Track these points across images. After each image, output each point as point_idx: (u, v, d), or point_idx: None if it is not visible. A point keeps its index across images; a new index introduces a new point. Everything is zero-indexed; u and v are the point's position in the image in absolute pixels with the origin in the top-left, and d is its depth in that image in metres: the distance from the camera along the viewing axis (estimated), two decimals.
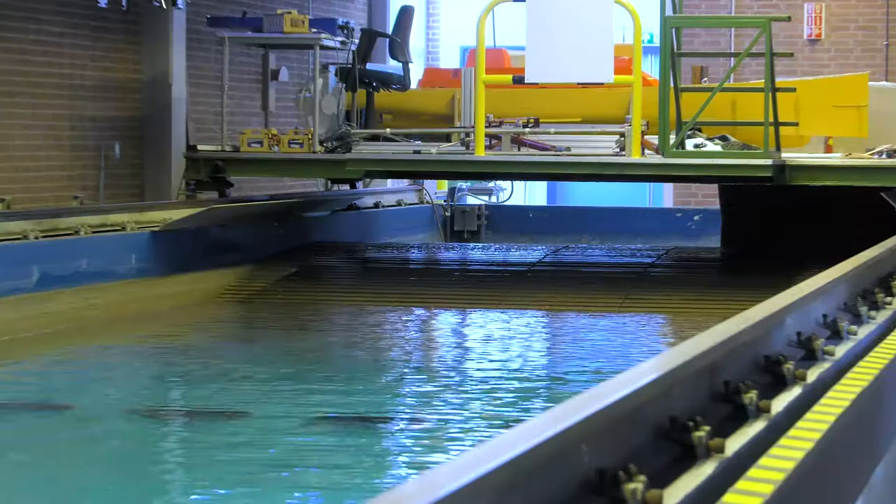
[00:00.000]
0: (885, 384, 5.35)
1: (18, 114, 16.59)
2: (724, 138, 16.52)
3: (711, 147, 16.32)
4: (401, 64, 18.82)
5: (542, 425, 3.01)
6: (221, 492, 8.63)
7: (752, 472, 3.57)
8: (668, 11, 15.85)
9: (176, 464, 9.86)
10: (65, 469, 9.29)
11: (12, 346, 12.63)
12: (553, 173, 19.03)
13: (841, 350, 5.55)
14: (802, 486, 3.63)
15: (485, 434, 9.46)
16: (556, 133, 16.50)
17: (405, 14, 19.68)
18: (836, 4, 25.00)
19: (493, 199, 23.05)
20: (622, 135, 15.87)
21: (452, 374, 12.94)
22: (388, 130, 17.40)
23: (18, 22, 16.61)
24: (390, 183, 21.76)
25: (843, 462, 4.47)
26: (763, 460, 3.65)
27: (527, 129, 16.41)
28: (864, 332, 6.43)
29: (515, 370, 12.98)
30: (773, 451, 3.74)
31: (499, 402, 11.31)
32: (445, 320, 16.28)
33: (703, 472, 3.55)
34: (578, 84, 16.52)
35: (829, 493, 4.22)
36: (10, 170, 16.42)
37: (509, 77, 16.56)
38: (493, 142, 16.33)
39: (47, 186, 16.86)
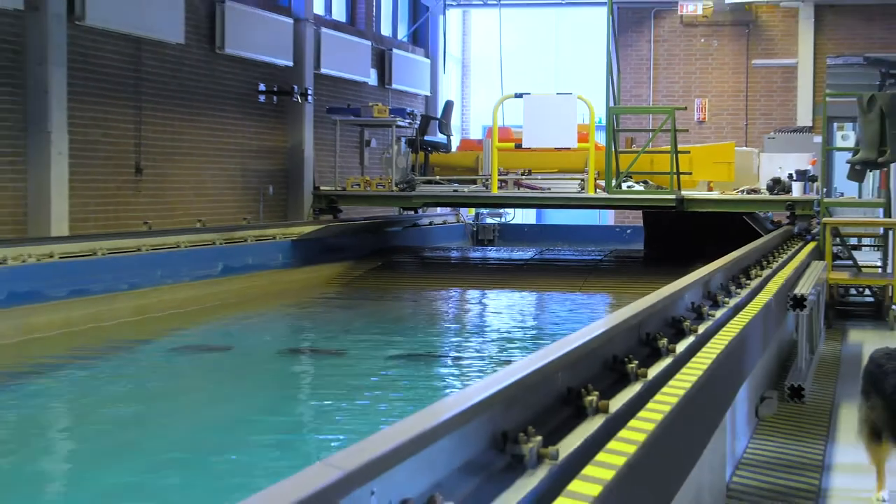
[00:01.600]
0: (733, 352, 5.31)
1: (210, 167, 19.03)
2: (645, 182, 19.07)
3: (637, 187, 18.85)
4: (445, 136, 21.98)
5: (534, 359, 3.52)
6: (328, 403, 9.84)
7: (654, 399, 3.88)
8: (611, 103, 18.33)
9: (303, 384, 11.18)
10: (228, 385, 10.70)
11: (202, 311, 14.15)
12: (539, 204, 22.19)
13: (703, 326, 5.79)
14: (673, 428, 3.69)
15: (500, 364, 10.66)
16: (541, 179, 19.35)
17: (448, 106, 22.98)
18: (714, 100, 28.22)
19: (503, 219, 25.66)
20: (582, 180, 18.70)
21: (478, 328, 15.02)
22: (437, 177, 20.29)
23: (211, 111, 19.02)
24: (439, 210, 23.90)
25: (703, 409, 4.42)
26: (647, 409, 3.78)
27: (523, 177, 19.31)
28: (734, 300, 7.03)
29: (517, 325, 15.13)
30: (650, 403, 3.84)
31: (508, 344, 12.93)
32: (473, 295, 18.01)
33: (633, 389, 4.04)
34: (555, 148, 19.13)
35: (691, 435, 4.21)
36: (205, 202, 18.63)
37: (513, 144, 19.17)
38: (503, 184, 18.86)
39: (227, 212, 19.10)
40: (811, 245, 14.50)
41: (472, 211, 24.58)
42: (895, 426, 5.43)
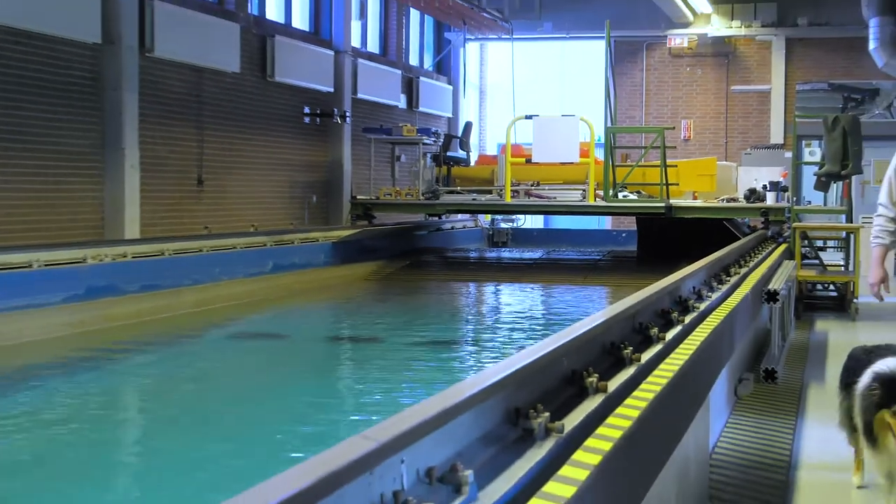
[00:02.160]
0: (715, 339, 5.24)
1: (262, 179, 19.15)
2: (638, 192, 18.98)
3: (632, 197, 18.77)
4: (465, 152, 21.97)
5: (542, 347, 3.46)
6: (365, 382, 9.90)
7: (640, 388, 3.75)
8: (608, 123, 18.35)
9: (343, 367, 11.17)
10: (279, 367, 10.70)
11: (254, 304, 14.06)
12: (546, 211, 21.50)
13: (689, 317, 5.67)
14: (663, 405, 3.66)
15: (514, 349, 10.39)
16: (548, 189, 19.24)
17: (468, 126, 23.00)
18: (698, 120, 28.17)
19: (515, 224, 25.23)
20: (584, 190, 18.61)
21: (493, 317, 15.04)
22: (458, 188, 20.18)
23: (263, 130, 19.14)
24: (459, 216, 23.45)
25: (689, 388, 4.38)
26: (640, 388, 3.73)
27: (532, 188, 19.23)
28: (716, 295, 6.95)
29: (528, 315, 14.99)
30: (643, 384, 3.81)
31: (519, 332, 12.71)
32: (489, 289, 18.09)
33: (629, 371, 3.95)
34: (560, 162, 19.15)
35: (679, 411, 4.17)
36: (258, 209, 18.66)
37: (523, 159, 19.45)
38: (515, 194, 18.79)
39: (276, 218, 19.08)
40: (783, 247, 14.43)
41: (489, 217, 24.45)
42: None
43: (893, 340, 5.49)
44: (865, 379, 4.85)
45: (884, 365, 4.84)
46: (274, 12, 20.25)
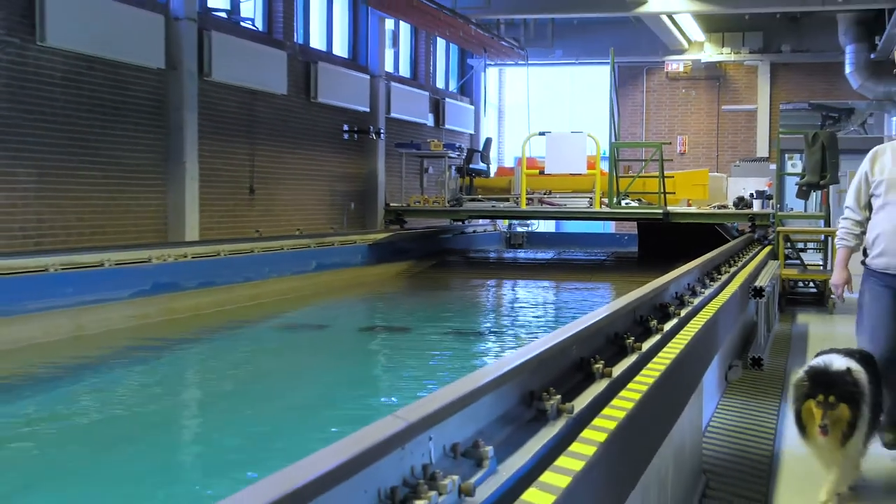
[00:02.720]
0: (707, 330, 5.15)
1: (306, 188, 19.13)
2: (639, 200, 18.89)
3: (633, 204, 18.67)
4: (486, 165, 21.89)
5: (554, 337, 3.44)
6: (397, 368, 9.92)
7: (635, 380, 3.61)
8: (612, 139, 18.02)
9: (378, 354, 11.08)
10: (322, 353, 10.72)
11: (300, 298, 13.99)
12: (557, 216, 21.68)
13: (684, 310, 5.56)
14: (661, 389, 3.62)
15: (529, 338, 10.19)
16: (559, 197, 19.06)
17: (488, 141, 23.01)
18: (693, 136, 28.16)
19: (529, 228, 25.35)
20: (591, 198, 18.47)
21: (511, 310, 14.93)
22: (479, 196, 20.08)
23: (307, 145, 19.08)
24: (480, 221, 23.37)
25: (684, 374, 4.32)
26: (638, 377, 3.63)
27: (545, 196, 19.05)
28: (708, 291, 6.85)
29: (541, 308, 14.98)
30: (644, 370, 3.75)
31: (534, 323, 12.73)
32: (507, 286, 18.02)
33: (631, 359, 3.93)
34: (569, 174, 19.02)
35: (675, 394, 4.12)
36: (302, 215, 18.72)
37: (537, 170, 19.39)
38: (530, 201, 18.65)
39: (319, 223, 19.17)
40: (768, 248, 14.40)
41: (506, 222, 24.45)
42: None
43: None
44: (800, 372, 4.77)
45: (819, 360, 4.77)
46: (317, 41, 20.26)
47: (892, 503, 4.92)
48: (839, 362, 4.65)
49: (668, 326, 4.89)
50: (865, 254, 5.67)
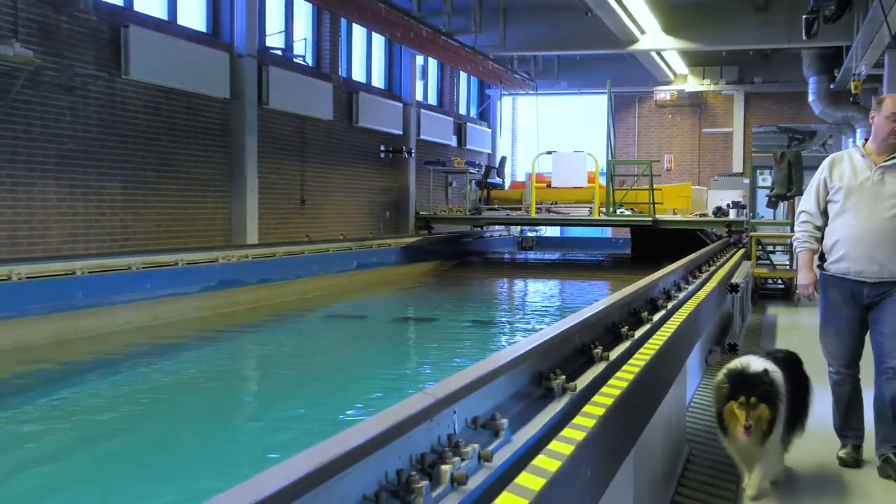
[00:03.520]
0: (690, 320, 5.11)
1: (348, 200, 19.02)
2: (632, 209, 18.69)
3: (627, 213, 18.54)
4: (501, 179, 21.95)
5: (560, 326, 3.44)
6: (426, 352, 9.84)
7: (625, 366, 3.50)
8: (609, 157, 18.28)
9: (409, 340, 11.04)
10: (362, 339, 10.64)
11: (341, 293, 13.90)
12: (562, 223, 21.39)
13: (671, 303, 5.53)
14: (651, 370, 3.57)
15: (537, 328, 9.73)
16: (564, 207, 19.06)
17: (503, 159, 23.25)
18: (678, 155, 27.95)
19: (538, 233, 25.09)
20: (590, 208, 18.43)
21: (523, 302, 14.82)
22: (495, 206, 20.11)
23: (349, 163, 18.94)
24: (496, 227, 23.27)
25: (671, 357, 4.21)
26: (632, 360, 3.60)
27: (552, 206, 19.09)
28: (691, 287, 6.79)
29: (550, 301, 14.79)
30: (637, 354, 3.71)
31: (543, 313, 12.61)
32: (519, 283, 17.78)
33: (625, 345, 3.92)
34: (573, 186, 18.97)
35: (664, 375, 4.00)
36: (345, 222, 18.63)
37: (545, 184, 19.39)
38: (539, 210, 18.64)
39: (359, 229, 19.10)
40: (742, 251, 14.29)
41: (518, 228, 24.31)
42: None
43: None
44: (720, 375, 4.29)
45: (737, 362, 4.28)
46: (358, 74, 20.23)
47: (812, 498, 4.45)
48: (756, 364, 4.18)
49: (657, 317, 4.83)
50: (822, 258, 5.00)
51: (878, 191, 4.77)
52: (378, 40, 20.92)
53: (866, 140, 4.90)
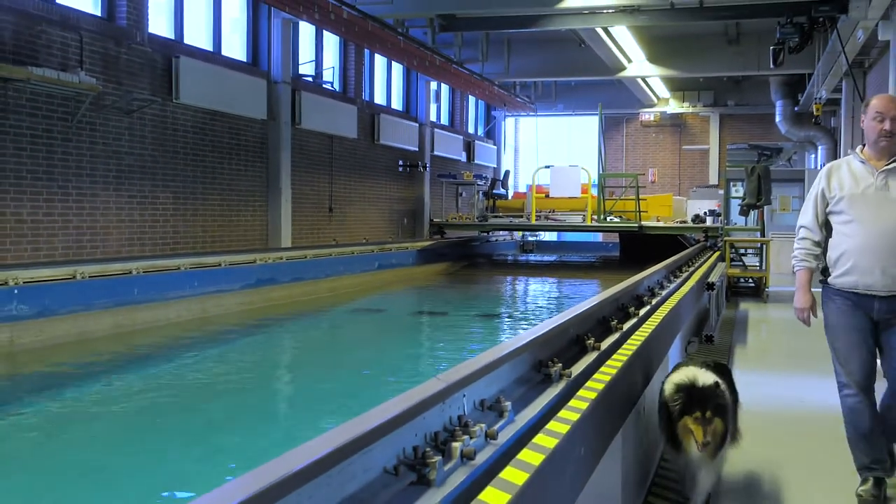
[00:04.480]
0: (672, 315, 5.15)
1: (371, 208, 18.80)
2: (620, 217, 18.50)
3: (616, 220, 18.32)
4: (505, 190, 21.88)
5: (557, 319, 3.41)
6: (438, 342, 9.73)
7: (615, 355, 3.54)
8: (600, 171, 18.21)
9: (424, 332, 10.87)
10: (383, 331, 10.53)
11: (362, 290, 13.71)
12: (559, 229, 20.87)
13: (655, 299, 5.56)
14: (637, 359, 3.57)
15: (537, 321, 9.42)
16: (560, 215, 18.90)
17: (507, 173, 23.15)
18: (661, 169, 27.33)
19: (538, 238, 25.00)
20: (584, 215, 18.23)
21: (525, 299, 14.77)
22: (500, 214, 20.02)
23: (372, 176, 18.72)
24: (501, 233, 22.96)
25: (655, 347, 4.19)
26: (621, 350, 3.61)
27: (550, 213, 18.97)
28: (672, 285, 6.80)
29: (547, 298, 14.59)
30: (625, 344, 3.72)
31: (542, 308, 12.57)
32: (522, 282, 17.51)
33: (614, 336, 3.92)
34: (568, 196, 19.03)
35: (648, 362, 3.98)
36: (368, 228, 18.39)
37: (544, 194, 19.29)
38: (538, 218, 18.61)
39: (380, 234, 18.85)
40: (717, 253, 14.19)
41: (520, 233, 24.23)
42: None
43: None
44: (668, 390, 3.62)
45: (682, 374, 3.63)
46: (379, 97, 20.10)
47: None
48: (704, 377, 3.56)
49: (642, 312, 4.79)
50: (825, 273, 4.07)
51: (883, 196, 3.92)
52: (397, 68, 20.86)
53: (864, 145, 4.08)
